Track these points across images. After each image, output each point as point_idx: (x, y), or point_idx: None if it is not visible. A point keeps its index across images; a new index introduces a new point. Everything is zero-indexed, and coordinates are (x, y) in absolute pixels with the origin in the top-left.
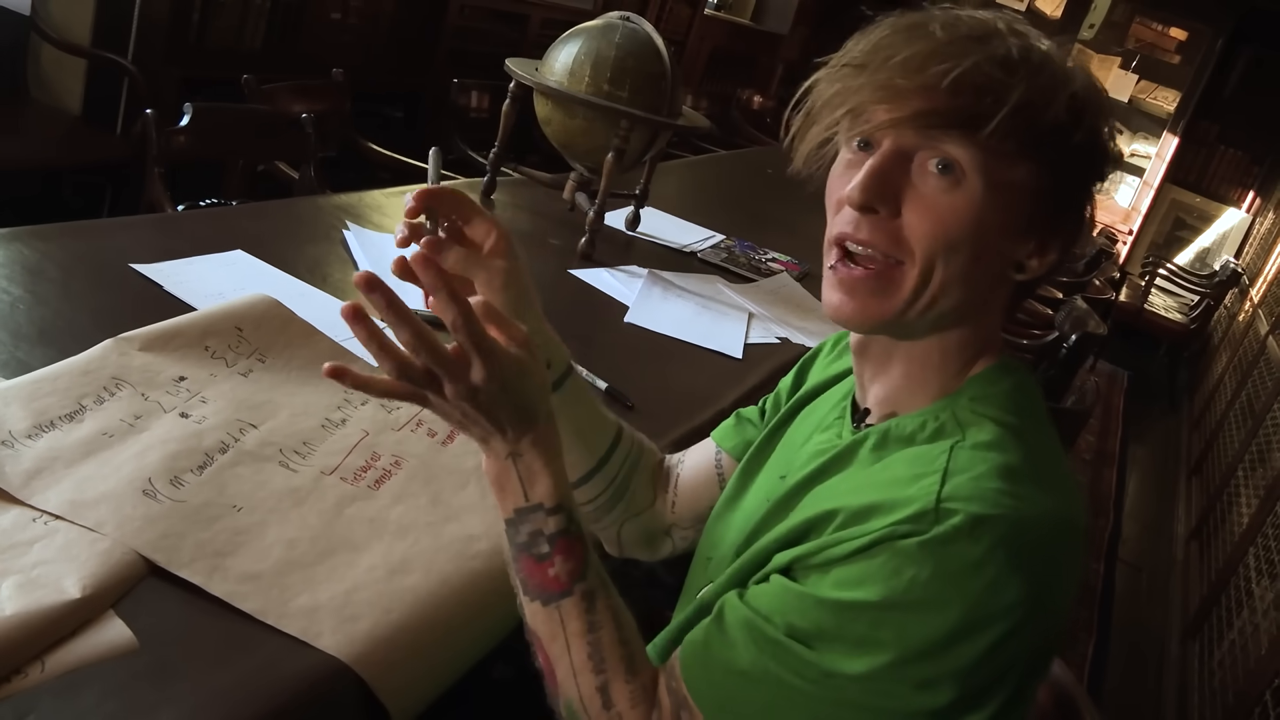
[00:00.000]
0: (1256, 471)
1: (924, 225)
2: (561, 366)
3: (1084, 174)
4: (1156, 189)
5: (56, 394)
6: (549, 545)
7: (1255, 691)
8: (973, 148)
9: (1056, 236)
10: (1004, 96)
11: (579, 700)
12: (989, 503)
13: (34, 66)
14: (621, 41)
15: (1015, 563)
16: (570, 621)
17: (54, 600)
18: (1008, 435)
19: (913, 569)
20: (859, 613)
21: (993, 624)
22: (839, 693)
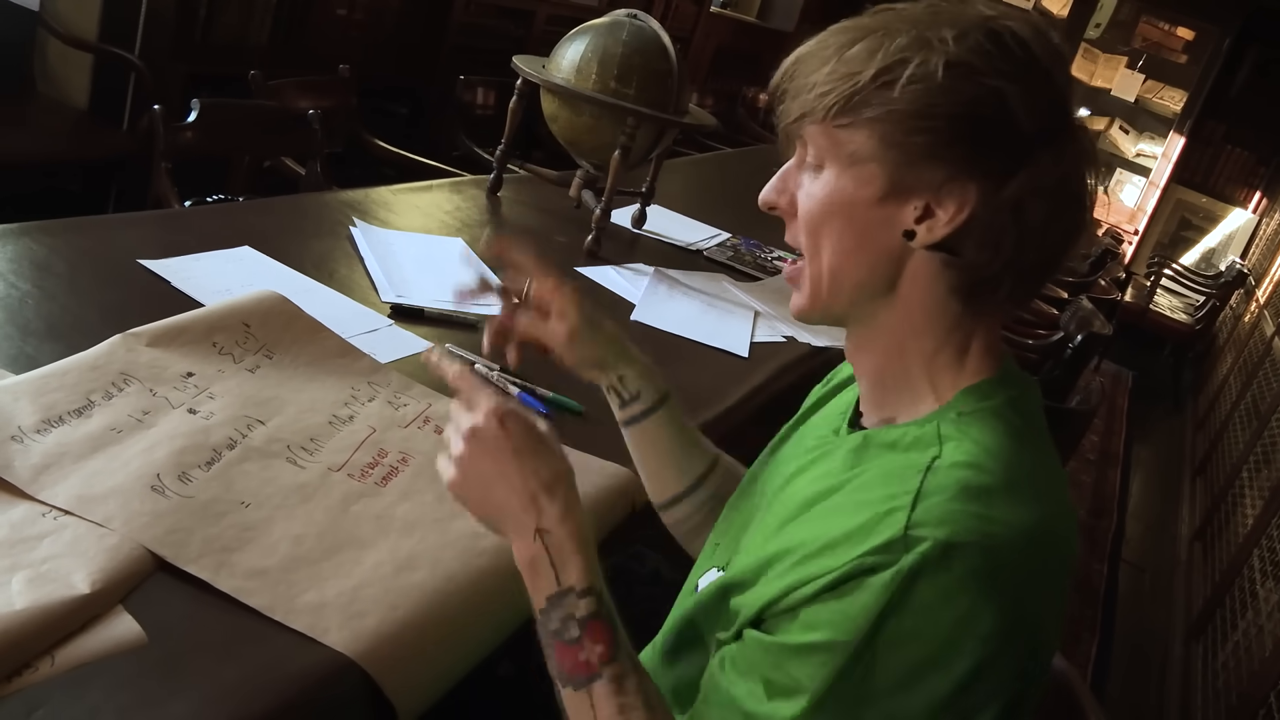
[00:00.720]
0: (1261, 473)
1: (798, 218)
2: (653, 395)
3: (934, 120)
4: (1162, 189)
5: (65, 389)
6: (579, 629)
7: (1259, 694)
8: (817, 137)
9: (945, 193)
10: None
11: None
12: (959, 529)
13: (41, 61)
14: (628, 39)
15: (988, 590)
16: (601, 705)
17: (63, 595)
18: (987, 453)
19: (882, 604)
20: (830, 654)
21: (968, 654)
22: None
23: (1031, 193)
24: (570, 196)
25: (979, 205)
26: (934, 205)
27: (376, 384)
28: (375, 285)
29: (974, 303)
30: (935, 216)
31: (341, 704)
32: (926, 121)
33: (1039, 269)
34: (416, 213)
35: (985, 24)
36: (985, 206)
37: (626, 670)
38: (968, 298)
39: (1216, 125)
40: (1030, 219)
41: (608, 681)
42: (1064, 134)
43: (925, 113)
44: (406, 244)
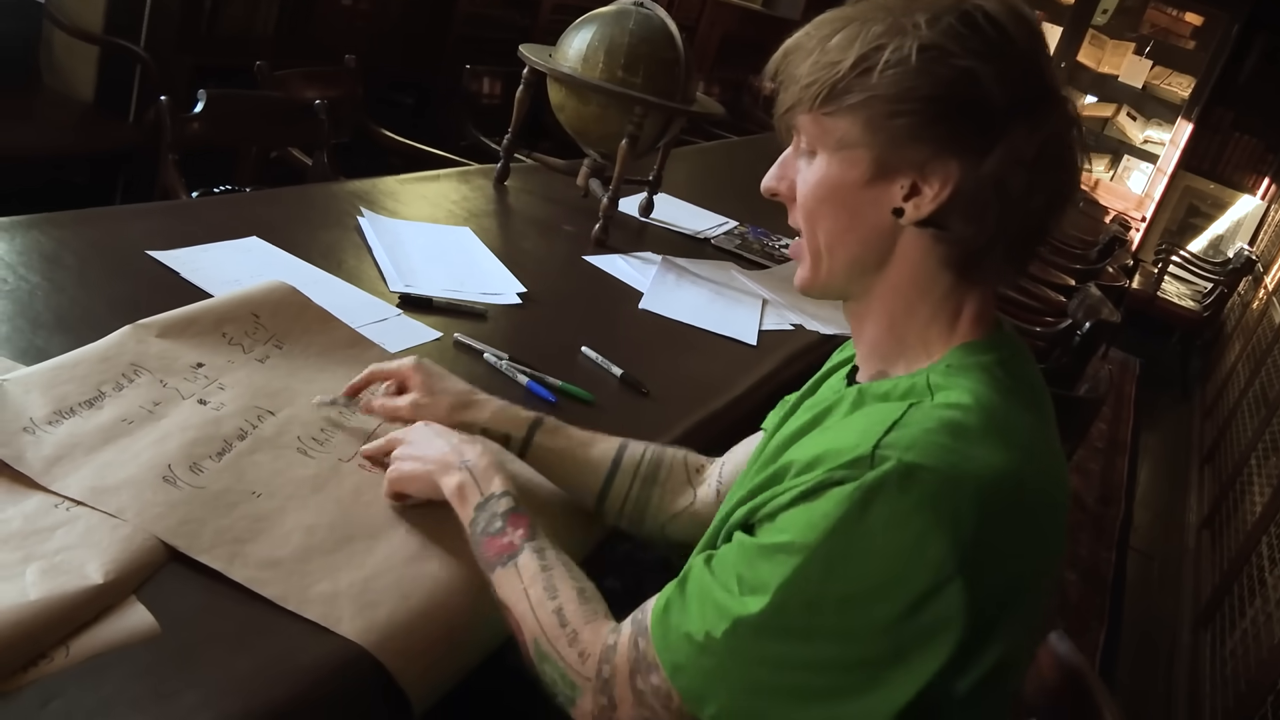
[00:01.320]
0: (1269, 460)
1: (797, 200)
2: (521, 431)
3: (912, 103)
4: (1170, 175)
5: (76, 381)
6: (503, 520)
7: (1268, 680)
8: (808, 126)
9: (929, 172)
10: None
11: (539, 629)
12: (925, 453)
13: (46, 54)
14: (635, 28)
15: (943, 519)
16: (526, 570)
17: (77, 586)
18: (972, 398)
19: (842, 514)
20: (790, 556)
21: (916, 579)
22: (762, 647)
23: (1012, 165)
24: (577, 185)
25: (962, 180)
26: (920, 183)
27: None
28: (383, 275)
29: (965, 273)
30: (921, 194)
31: (354, 694)
32: (905, 104)
33: (1027, 237)
34: (424, 202)
35: (958, 6)
36: (968, 181)
37: (545, 545)
38: (959, 269)
39: (1225, 112)
40: (1012, 190)
41: (530, 553)
42: (1042, 105)
43: (903, 96)
44: (414, 234)
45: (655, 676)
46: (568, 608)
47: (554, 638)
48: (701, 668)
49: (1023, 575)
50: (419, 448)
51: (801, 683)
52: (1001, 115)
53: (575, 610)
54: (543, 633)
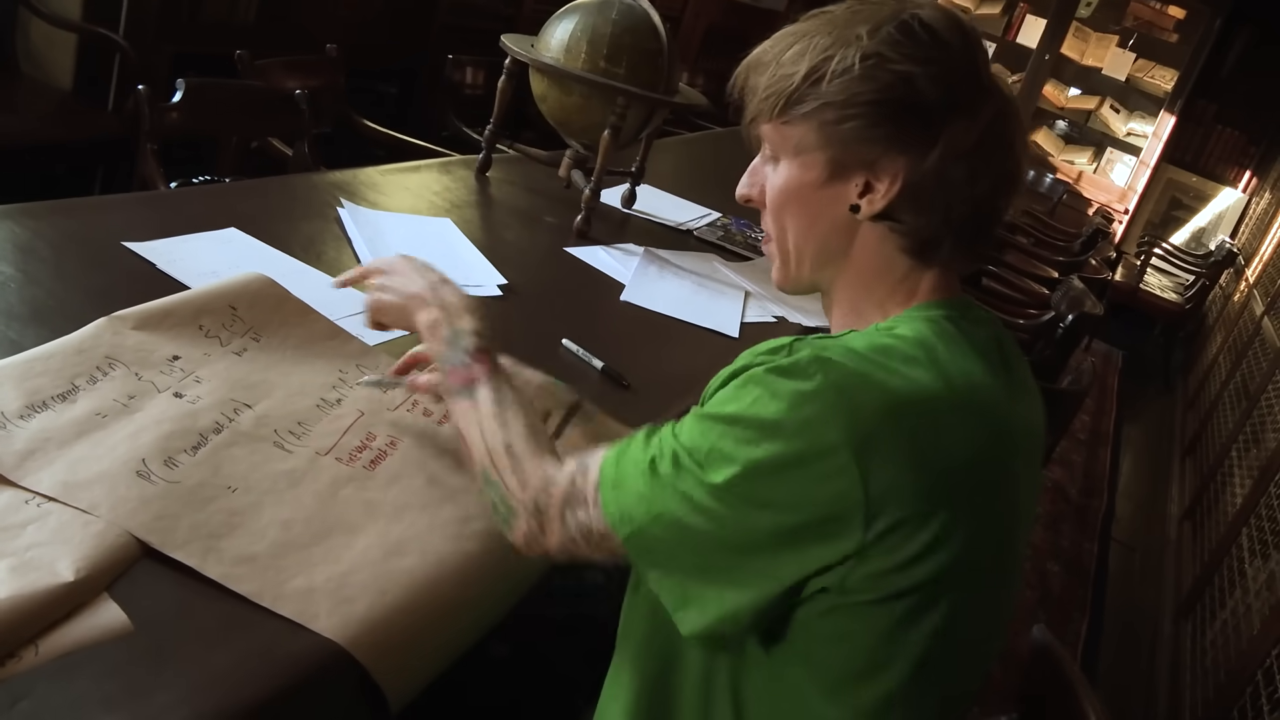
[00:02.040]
0: (1250, 452)
1: (765, 207)
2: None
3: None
4: (1153, 168)
5: (49, 374)
6: (466, 355)
7: (1247, 671)
8: (770, 134)
9: (884, 169)
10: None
11: (488, 456)
12: (840, 354)
13: (24, 41)
14: (618, 18)
15: (840, 407)
16: (483, 402)
17: (48, 583)
18: (913, 333)
19: (755, 390)
20: (714, 426)
21: (815, 458)
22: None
23: (952, 157)
24: (560, 176)
25: (909, 175)
26: (872, 180)
27: (365, 367)
28: None
29: (920, 257)
30: (874, 190)
31: (331, 690)
32: (852, 109)
33: (977, 221)
34: (405, 193)
35: (896, 16)
36: (914, 175)
37: (503, 385)
38: (914, 254)
39: (1207, 105)
40: (955, 180)
41: (488, 388)
42: (978, 99)
43: (850, 102)
44: (395, 225)
45: (582, 512)
46: (515, 441)
47: (500, 466)
48: (635, 488)
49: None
50: (399, 281)
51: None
52: (939, 113)
53: (523, 444)
54: (490, 461)
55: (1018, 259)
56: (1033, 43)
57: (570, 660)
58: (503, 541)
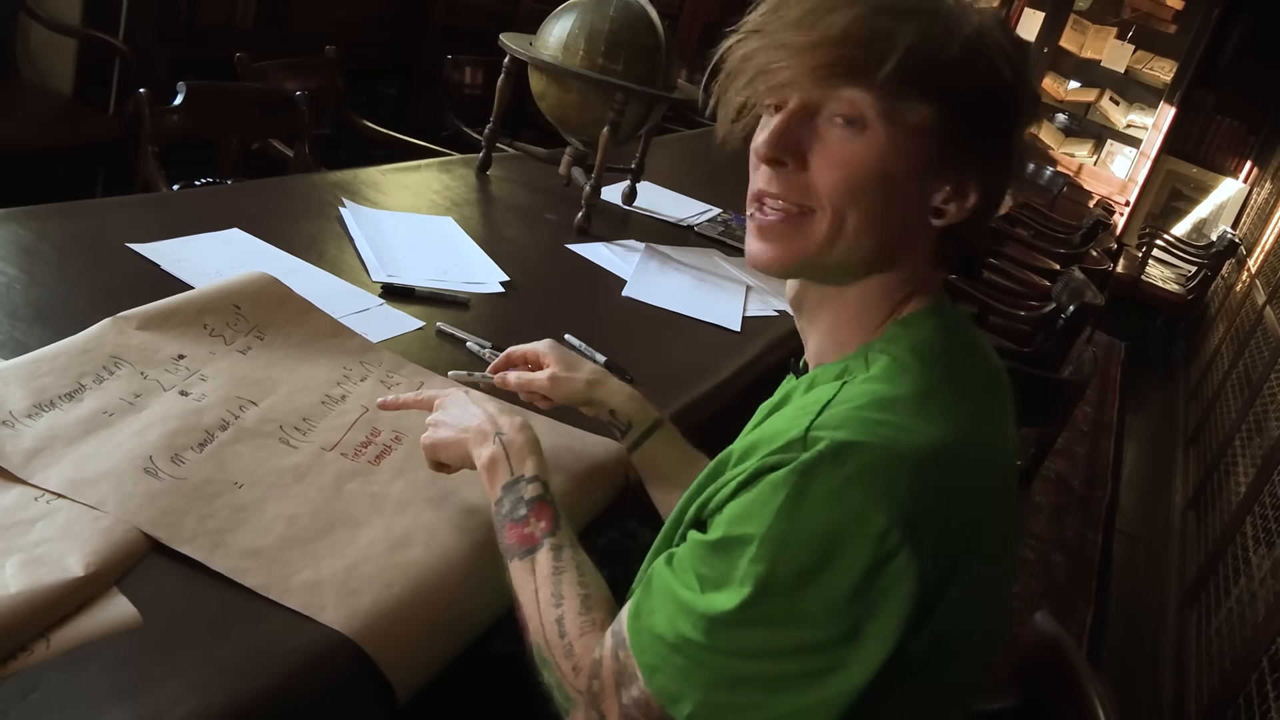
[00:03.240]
0: (1253, 441)
1: (830, 175)
2: (646, 421)
3: (992, 116)
4: (1153, 159)
5: (55, 373)
6: (527, 508)
7: (1253, 658)
8: (870, 95)
9: (973, 180)
10: (892, 42)
11: (542, 635)
12: (857, 430)
13: (24, 46)
14: (616, 15)
15: (881, 489)
16: (540, 568)
17: (57, 578)
18: (900, 369)
19: (781, 498)
20: (741, 548)
21: (861, 553)
22: (730, 640)
23: (1014, 178)
24: (560, 174)
25: (990, 193)
26: (958, 189)
27: (368, 363)
28: (365, 265)
29: (946, 270)
30: (959, 199)
31: (338, 681)
32: (987, 116)
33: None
34: (406, 192)
35: (1011, 32)
36: (994, 194)
37: (564, 544)
38: (943, 267)
39: (1207, 95)
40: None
41: (548, 550)
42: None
43: (994, 107)
44: (396, 224)
45: (635, 688)
46: (568, 617)
47: (553, 646)
48: (674, 666)
49: (969, 541)
50: (454, 414)
51: (768, 672)
52: (1019, 134)
53: (575, 620)
54: (544, 640)
55: (1018, 251)
56: (1031, 35)
57: None
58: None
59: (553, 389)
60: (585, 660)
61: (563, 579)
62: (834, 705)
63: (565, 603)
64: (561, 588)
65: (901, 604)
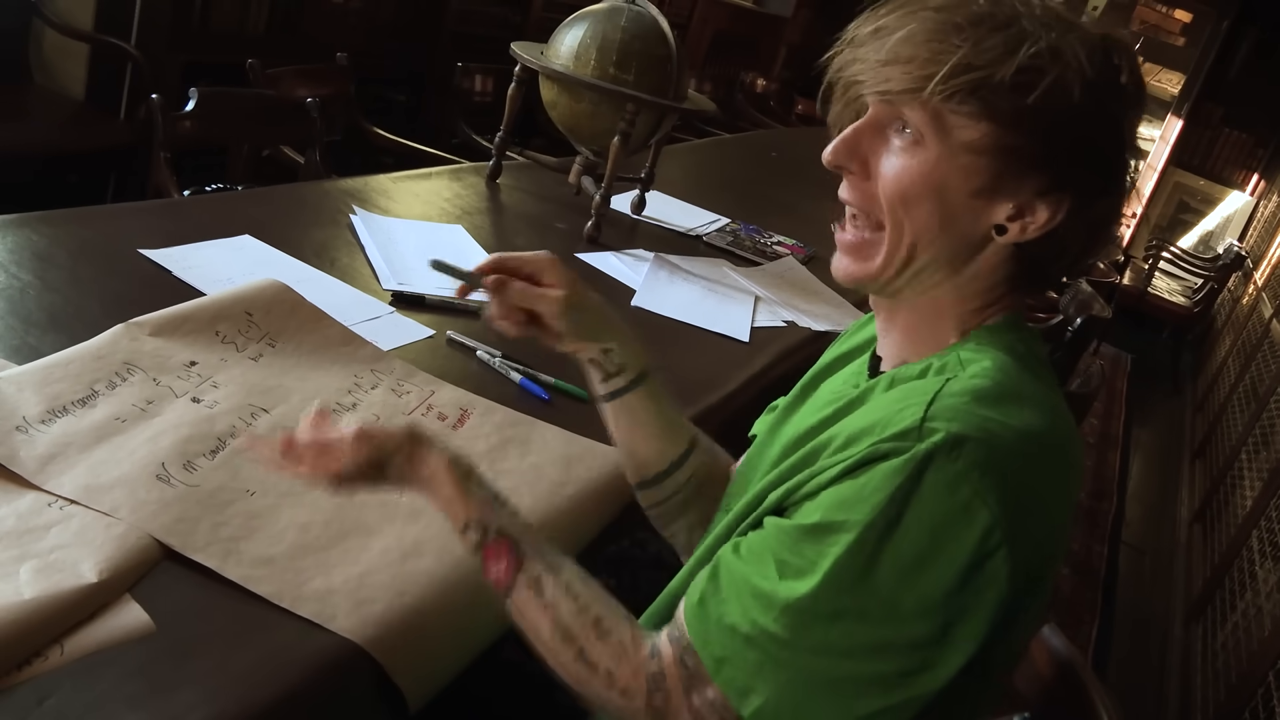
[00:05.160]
0: (1260, 455)
1: (886, 184)
2: (637, 368)
3: (1061, 137)
4: (1160, 171)
5: (69, 379)
6: (479, 555)
7: (1259, 673)
8: (927, 110)
9: (1045, 200)
10: (945, 60)
11: (570, 676)
12: (971, 424)
13: (36, 51)
14: (627, 25)
15: (989, 483)
16: (527, 610)
17: (72, 584)
18: (999, 369)
19: (895, 487)
20: (838, 534)
21: (965, 547)
22: (814, 634)
23: (1113, 211)
24: (570, 183)
25: (1069, 216)
26: (1027, 209)
27: (379, 371)
28: (376, 273)
29: (1023, 287)
30: (1027, 219)
31: (349, 690)
32: (1051, 135)
33: (1076, 268)
34: (416, 200)
35: (1104, 45)
36: (1074, 218)
37: (537, 572)
38: (1020, 284)
39: (1214, 108)
40: (1099, 232)
41: (524, 589)
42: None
43: (1053, 128)
44: (407, 231)
45: (710, 690)
46: (589, 650)
47: (588, 683)
48: (747, 660)
49: (1053, 532)
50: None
51: (850, 672)
52: (1125, 165)
53: (599, 649)
54: (576, 679)
55: None
56: None
57: None
58: None
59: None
60: (635, 680)
61: (560, 614)
62: (909, 709)
63: (578, 636)
64: (565, 623)
65: (991, 606)
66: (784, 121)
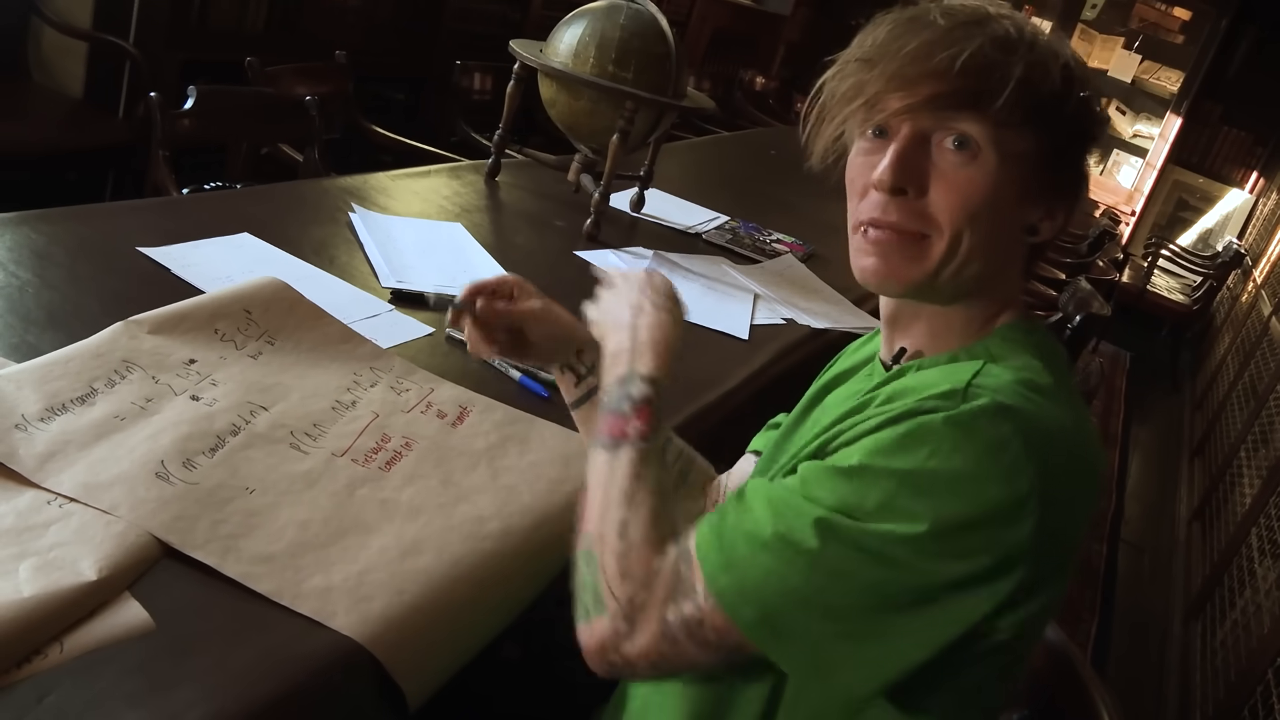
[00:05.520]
0: (1259, 452)
1: (949, 199)
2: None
3: (1079, 138)
4: (1159, 170)
5: (68, 377)
6: (630, 405)
7: (1258, 670)
8: (984, 124)
9: (1062, 199)
10: (1008, 73)
11: (598, 529)
12: (1014, 397)
13: (35, 49)
14: (626, 23)
15: (1030, 453)
16: (620, 466)
17: (71, 582)
18: (1035, 366)
19: (935, 440)
20: (881, 479)
21: (1001, 508)
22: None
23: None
24: (569, 180)
25: (1072, 208)
26: (1050, 209)
27: (379, 369)
28: (375, 271)
29: (1027, 276)
30: (1050, 219)
31: (349, 687)
32: (1079, 143)
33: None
34: (415, 198)
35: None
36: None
37: (653, 453)
38: (1028, 274)
39: (1213, 106)
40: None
41: (634, 451)
42: None
43: (1080, 133)
44: (406, 229)
45: (689, 604)
46: (634, 522)
47: (607, 543)
48: (757, 564)
49: (1073, 527)
50: (609, 299)
51: (863, 602)
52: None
53: (641, 528)
54: (599, 534)
55: None
56: None
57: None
58: (517, 540)
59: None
60: (639, 569)
61: (641, 485)
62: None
63: (638, 508)
64: (637, 494)
65: (1013, 572)
66: (783, 119)
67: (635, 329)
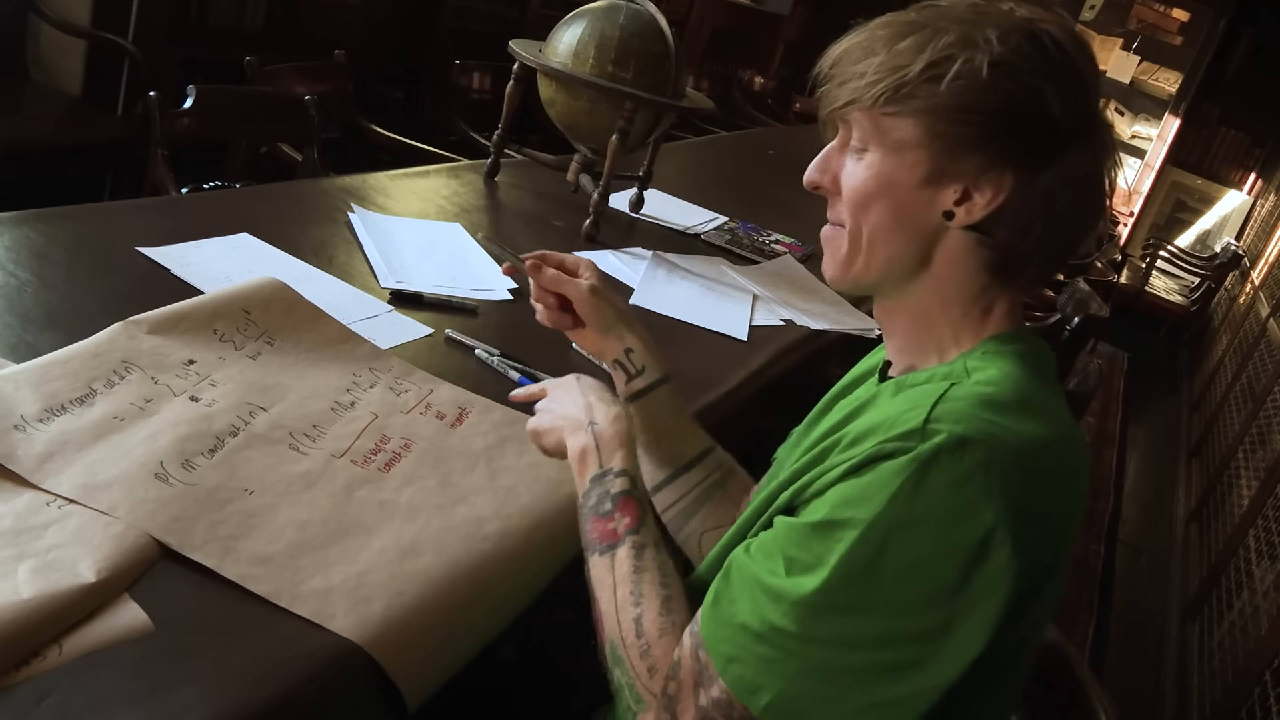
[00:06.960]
0: (1257, 453)
1: (845, 193)
2: (657, 371)
3: (979, 115)
4: (1157, 171)
5: (66, 377)
6: (612, 503)
7: (1255, 671)
8: (863, 123)
9: (983, 178)
10: (863, 75)
11: (618, 633)
12: (974, 427)
13: (33, 47)
14: (625, 23)
15: (993, 485)
16: (620, 566)
17: (70, 584)
18: (1005, 377)
19: (898, 485)
20: (844, 531)
21: (968, 543)
22: (821, 626)
23: (1063, 183)
24: (568, 181)
25: (1013, 192)
26: (972, 190)
27: (378, 370)
28: (374, 271)
29: (1002, 277)
30: (973, 200)
31: (347, 689)
32: (970, 115)
33: (1061, 252)
34: (414, 198)
35: (1026, 26)
36: (1019, 193)
37: (647, 543)
38: (995, 272)
39: (1211, 107)
40: (1059, 206)
41: (629, 547)
42: (1092, 129)
43: (969, 107)
44: (405, 229)
45: (716, 687)
46: (647, 617)
47: (629, 645)
48: (756, 656)
49: (1058, 539)
50: (557, 402)
51: (856, 662)
52: (1060, 135)
53: (654, 621)
54: (620, 638)
55: None
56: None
57: (579, 665)
58: (516, 541)
59: (589, 300)
60: (663, 662)
61: (644, 578)
62: (917, 702)
63: (645, 602)
64: (642, 587)
65: (997, 603)
66: (782, 119)
67: (595, 427)
